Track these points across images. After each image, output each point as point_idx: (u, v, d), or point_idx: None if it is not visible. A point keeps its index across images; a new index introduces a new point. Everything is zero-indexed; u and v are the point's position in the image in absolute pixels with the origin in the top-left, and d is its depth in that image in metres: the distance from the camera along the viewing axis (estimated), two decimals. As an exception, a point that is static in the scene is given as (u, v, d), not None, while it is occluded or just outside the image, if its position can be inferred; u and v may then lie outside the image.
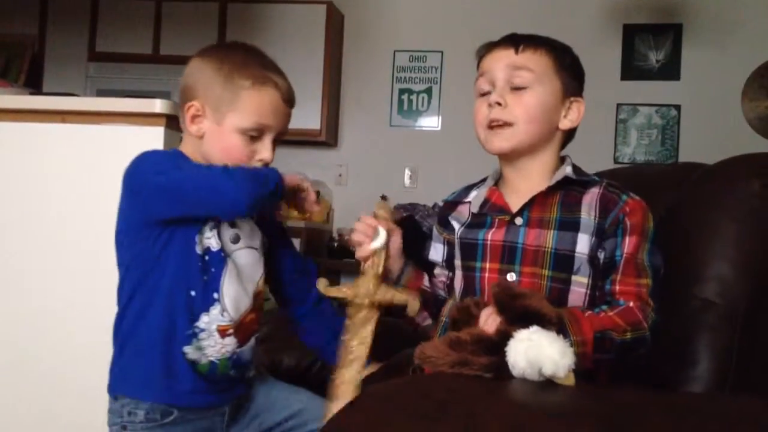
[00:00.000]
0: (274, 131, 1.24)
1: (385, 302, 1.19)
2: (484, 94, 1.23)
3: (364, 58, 4.48)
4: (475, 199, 1.28)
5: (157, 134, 1.66)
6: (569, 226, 1.16)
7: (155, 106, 1.67)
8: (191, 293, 1.18)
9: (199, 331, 1.19)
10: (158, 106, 1.67)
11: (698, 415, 0.83)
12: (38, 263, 1.73)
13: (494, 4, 4.26)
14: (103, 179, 1.62)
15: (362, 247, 1.21)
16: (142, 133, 1.65)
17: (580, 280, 1.16)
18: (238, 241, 1.24)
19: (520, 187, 1.23)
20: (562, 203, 1.19)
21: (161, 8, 4.36)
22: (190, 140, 1.26)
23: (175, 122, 1.66)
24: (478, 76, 1.25)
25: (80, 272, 1.69)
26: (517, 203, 1.21)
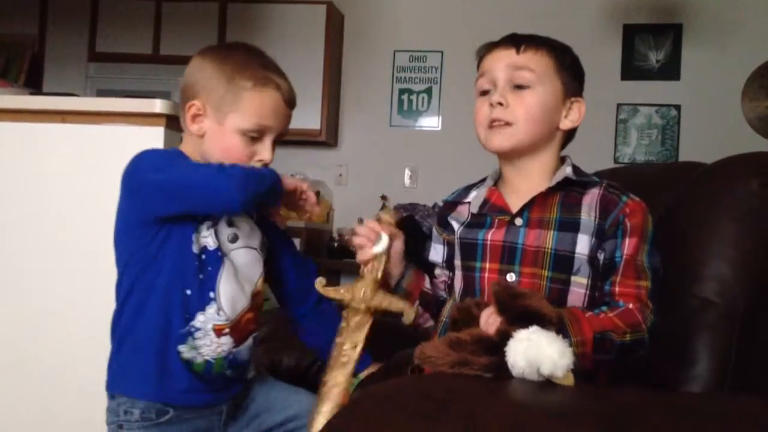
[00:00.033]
0: (274, 132, 1.24)
1: (381, 309, 1.19)
2: (484, 94, 1.23)
3: (364, 58, 4.48)
4: (474, 199, 1.27)
5: (157, 134, 1.66)
6: (569, 226, 1.16)
7: (155, 106, 1.67)
8: (187, 292, 1.18)
9: (194, 330, 1.19)
10: (158, 106, 1.67)
11: (698, 415, 0.83)
12: (38, 263, 1.73)
13: (494, 4, 4.26)
14: (103, 179, 1.61)
15: (363, 250, 1.21)
16: (142, 133, 1.66)
17: (579, 280, 1.15)
18: (236, 240, 1.24)
19: (519, 187, 1.23)
20: (562, 204, 1.18)
21: (161, 8, 4.36)
22: (190, 139, 1.26)
23: (175, 122, 1.66)
24: (478, 75, 1.25)
25: (80, 272, 1.70)
26: (516, 203, 1.20)
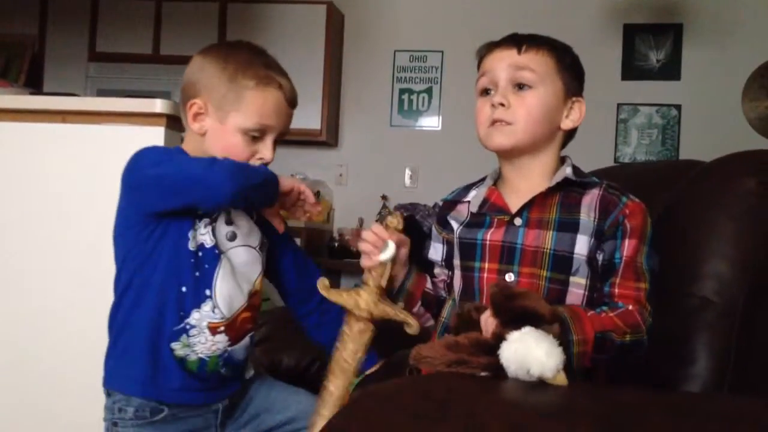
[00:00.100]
0: (275, 131, 1.25)
1: (384, 319, 1.18)
2: (485, 93, 1.23)
3: (364, 58, 4.48)
4: (474, 198, 1.27)
5: (157, 134, 1.66)
6: (568, 227, 1.16)
7: (155, 106, 1.67)
8: (182, 289, 1.18)
9: (189, 327, 1.19)
10: (158, 106, 1.67)
11: (697, 414, 0.83)
12: (38, 263, 1.73)
13: (494, 4, 4.26)
14: (103, 179, 1.62)
15: (369, 257, 1.20)
16: (142, 133, 1.66)
17: (578, 281, 1.15)
18: (234, 239, 1.24)
19: (519, 186, 1.22)
20: (561, 204, 1.18)
21: (161, 8, 4.36)
22: (192, 138, 1.26)
23: (175, 122, 1.67)
24: (479, 75, 1.25)
25: (80, 272, 1.70)
26: (516, 203, 1.20)
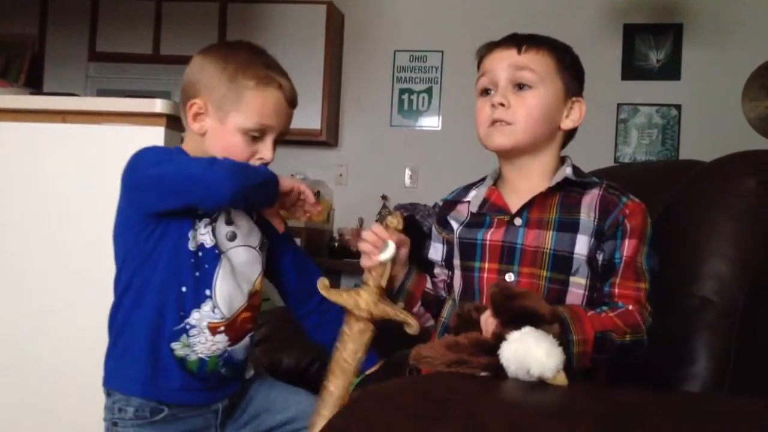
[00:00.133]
0: (275, 131, 1.25)
1: (384, 319, 1.18)
2: (485, 93, 1.23)
3: (364, 58, 4.48)
4: (474, 198, 1.27)
5: (157, 134, 1.66)
6: (568, 227, 1.16)
7: (156, 106, 1.67)
8: (182, 289, 1.19)
9: (189, 327, 1.19)
10: (159, 106, 1.67)
11: (698, 414, 0.83)
12: (38, 263, 1.73)
13: (494, 4, 4.26)
14: (103, 179, 1.62)
15: (369, 257, 1.19)
16: (142, 133, 1.65)
17: (578, 281, 1.15)
18: (234, 239, 1.24)
19: (519, 186, 1.22)
20: (561, 204, 1.18)
21: (161, 8, 4.36)
22: (192, 138, 1.26)
23: (175, 122, 1.67)
24: (479, 75, 1.25)
25: (80, 272, 1.70)
26: (516, 203, 1.20)
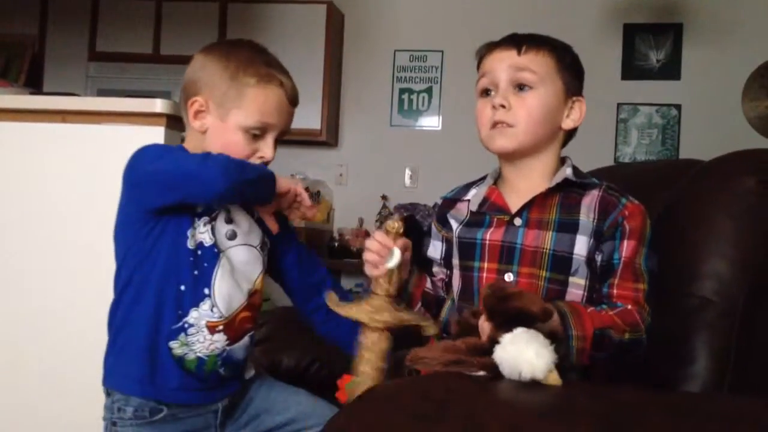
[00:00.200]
0: (276, 130, 1.24)
1: (399, 325, 1.16)
2: (485, 94, 1.23)
3: (364, 58, 4.48)
4: (474, 197, 1.27)
5: (157, 134, 1.66)
6: (568, 227, 1.16)
7: (156, 105, 1.67)
8: (181, 287, 1.18)
9: (188, 326, 1.19)
10: (159, 105, 1.67)
11: (697, 414, 0.83)
12: (38, 263, 1.73)
13: (494, 3, 4.26)
14: (103, 179, 1.62)
15: (376, 267, 1.17)
16: (142, 132, 1.65)
17: (577, 281, 1.15)
18: (234, 237, 1.24)
19: (519, 186, 1.22)
20: (561, 205, 1.18)
21: (161, 8, 4.36)
22: (192, 135, 1.26)
23: (175, 122, 1.67)
24: (479, 76, 1.25)
25: (80, 272, 1.70)
26: (516, 203, 1.20)
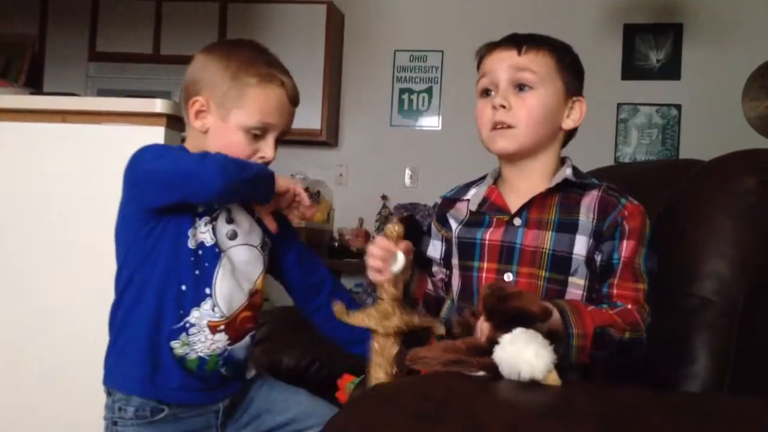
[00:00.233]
0: (277, 130, 1.24)
1: (409, 329, 1.14)
2: (485, 94, 1.23)
3: (364, 58, 4.48)
4: (474, 197, 1.27)
5: (157, 134, 1.66)
6: (567, 227, 1.16)
7: (156, 105, 1.67)
8: (182, 287, 1.18)
9: (189, 325, 1.19)
10: (159, 105, 1.67)
11: (697, 414, 0.83)
12: (38, 263, 1.73)
13: (494, 4, 4.26)
14: (103, 179, 1.62)
15: (380, 272, 1.15)
16: (142, 133, 1.65)
17: (576, 281, 1.15)
18: (235, 237, 1.24)
19: (519, 186, 1.22)
20: (560, 205, 1.18)
21: (161, 8, 4.36)
22: (193, 135, 1.26)
23: (175, 122, 1.67)
24: (479, 76, 1.24)
25: (80, 272, 1.70)
26: (516, 203, 1.20)
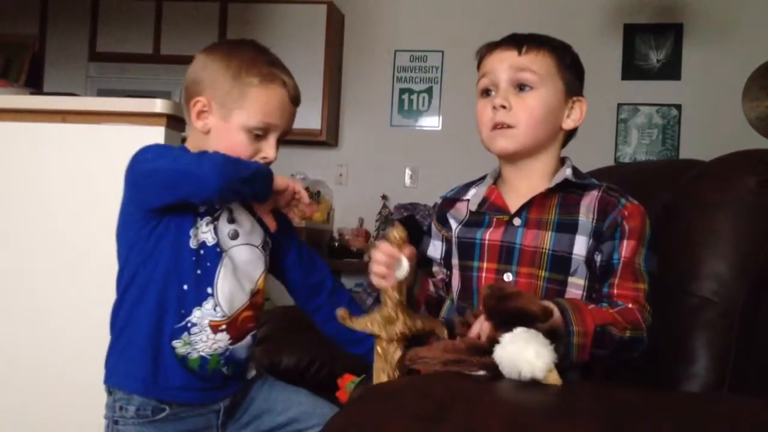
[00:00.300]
0: (279, 130, 1.24)
1: (412, 334, 1.14)
2: (486, 94, 1.23)
3: (364, 58, 4.48)
4: (473, 197, 1.27)
5: (157, 134, 1.66)
6: (567, 227, 1.16)
7: (156, 106, 1.67)
8: (183, 287, 1.19)
9: (191, 325, 1.19)
10: (159, 106, 1.67)
11: (698, 414, 0.83)
12: (38, 263, 1.73)
13: (494, 4, 4.26)
14: (103, 179, 1.62)
15: (385, 278, 1.14)
16: (142, 133, 1.65)
17: (576, 281, 1.15)
18: (236, 237, 1.24)
19: (519, 186, 1.22)
20: (560, 205, 1.18)
21: (161, 8, 4.37)
22: (194, 135, 1.26)
23: (175, 122, 1.67)
24: (480, 76, 1.24)
25: (80, 272, 1.70)
26: (516, 203, 1.20)
